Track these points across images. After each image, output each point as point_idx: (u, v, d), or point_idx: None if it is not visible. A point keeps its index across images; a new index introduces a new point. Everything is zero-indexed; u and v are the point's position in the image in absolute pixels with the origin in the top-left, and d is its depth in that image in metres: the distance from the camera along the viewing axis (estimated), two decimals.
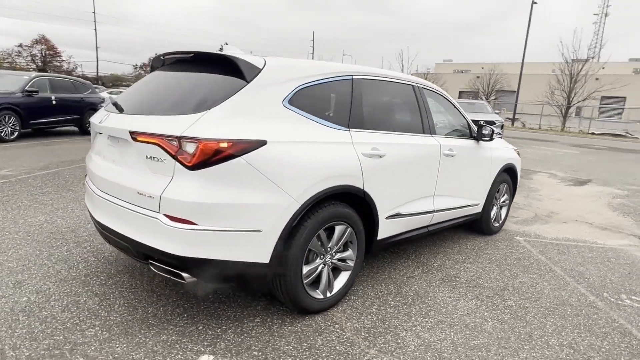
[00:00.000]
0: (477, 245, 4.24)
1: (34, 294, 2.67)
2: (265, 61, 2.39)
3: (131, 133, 2.20)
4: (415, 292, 3.05)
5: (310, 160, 2.39)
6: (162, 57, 2.80)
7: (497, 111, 15.10)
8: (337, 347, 2.31)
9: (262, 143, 2.17)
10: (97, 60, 46.63)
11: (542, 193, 7.06)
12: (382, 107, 3.11)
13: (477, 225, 4.45)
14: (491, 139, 3.98)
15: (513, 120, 28.45)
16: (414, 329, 2.55)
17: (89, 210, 2.73)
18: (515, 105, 28.68)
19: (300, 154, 2.35)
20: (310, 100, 2.55)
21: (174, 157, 2.06)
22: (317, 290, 2.61)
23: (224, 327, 2.43)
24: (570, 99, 24.05)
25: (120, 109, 2.50)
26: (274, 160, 2.21)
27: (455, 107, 3.93)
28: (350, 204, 2.67)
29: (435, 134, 3.50)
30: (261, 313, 2.61)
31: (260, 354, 2.20)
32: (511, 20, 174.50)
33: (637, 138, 22.34)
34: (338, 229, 2.63)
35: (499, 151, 4.40)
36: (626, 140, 21.99)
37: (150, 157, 2.14)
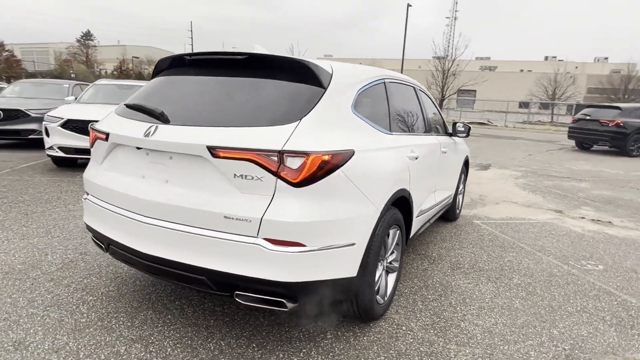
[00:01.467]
0: (451, 231, 4.65)
1: (53, 353, 2.13)
2: (332, 66, 2.28)
3: (211, 149, 1.90)
4: (440, 284, 3.25)
5: (381, 168, 2.37)
6: (187, 58, 2.43)
7: None
8: (421, 348, 2.36)
9: (352, 153, 2.08)
10: None
11: None
12: (404, 109, 3.20)
13: (445, 214, 4.86)
14: (467, 135, 4.38)
15: None
16: (466, 318, 2.74)
17: (114, 242, 2.26)
18: None
19: (375, 162, 2.31)
20: (365, 105, 2.51)
21: (275, 174, 1.85)
22: (377, 296, 2.61)
23: (304, 350, 2.28)
24: (444, 93, 27.46)
25: (164, 120, 2.12)
26: (360, 170, 2.14)
27: (435, 105, 4.23)
28: (398, 207, 2.72)
29: (432, 132, 3.73)
30: (322, 329, 2.51)
31: None
32: (381, 19, 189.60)
33: (496, 126, 26.59)
34: (392, 232, 2.66)
35: (461, 145, 4.87)
36: (490, 128, 25.94)
37: (241, 175, 1.88)
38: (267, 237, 1.87)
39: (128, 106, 2.37)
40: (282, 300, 1.94)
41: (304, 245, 1.89)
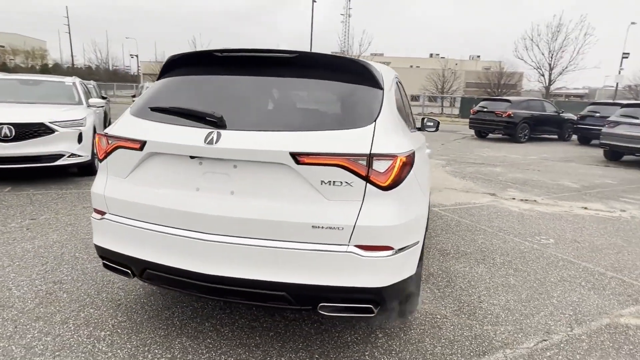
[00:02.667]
0: None
1: None
2: (376, 66, 2.27)
3: (295, 155, 1.77)
4: (442, 270, 3.47)
5: (424, 166, 2.45)
6: (218, 55, 2.20)
7: None
8: (465, 333, 2.52)
9: (414, 153, 2.11)
10: None
11: None
12: (406, 107, 3.30)
13: None
14: (437, 129, 4.67)
15: None
16: (482, 299, 2.98)
17: (155, 265, 1.98)
18: None
19: (421, 161, 2.37)
20: (397, 105, 2.55)
21: (365, 178, 1.81)
22: None
23: (366, 352, 2.28)
24: None
25: (221, 125, 1.90)
26: (419, 170, 2.19)
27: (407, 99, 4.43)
28: None
29: (415, 128, 3.92)
30: (371, 330, 2.52)
31: None
32: (278, 13, 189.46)
33: None
34: None
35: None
36: None
37: (329, 181, 1.79)
38: (358, 244, 1.83)
39: (159, 110, 2.05)
40: (370, 306, 1.91)
41: (392, 249, 1.88)
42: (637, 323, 2.74)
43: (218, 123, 1.90)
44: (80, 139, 5.95)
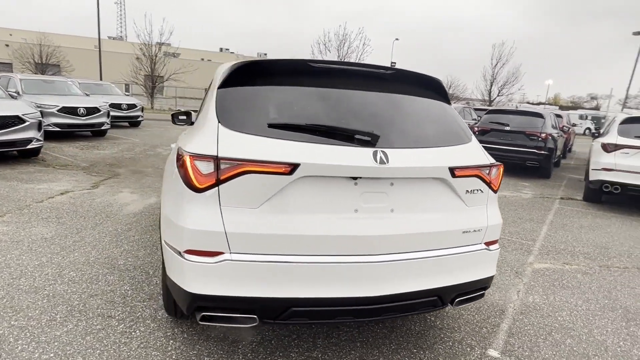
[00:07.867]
0: None
1: None
2: None
3: (453, 169, 1.93)
4: None
5: None
6: (312, 65, 2.05)
7: (127, 93, 13.58)
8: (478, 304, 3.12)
9: None
10: None
11: None
12: None
13: None
14: None
15: None
16: None
17: (305, 300, 1.79)
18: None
19: None
20: None
21: (489, 184, 2.12)
22: None
23: (442, 335, 2.59)
24: (155, 80, 25.94)
25: (373, 142, 1.85)
26: None
27: None
28: None
29: None
30: (422, 317, 2.84)
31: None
32: None
33: None
34: None
35: None
36: None
37: (471, 190, 2.03)
38: (486, 241, 2.14)
39: (294, 127, 1.81)
40: (483, 292, 2.24)
41: (498, 241, 2.26)
42: (543, 266, 3.94)
43: (371, 141, 1.85)
44: None
